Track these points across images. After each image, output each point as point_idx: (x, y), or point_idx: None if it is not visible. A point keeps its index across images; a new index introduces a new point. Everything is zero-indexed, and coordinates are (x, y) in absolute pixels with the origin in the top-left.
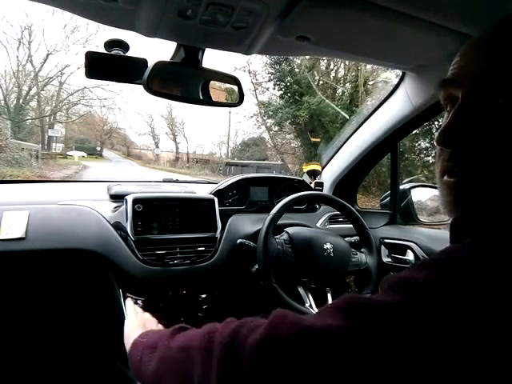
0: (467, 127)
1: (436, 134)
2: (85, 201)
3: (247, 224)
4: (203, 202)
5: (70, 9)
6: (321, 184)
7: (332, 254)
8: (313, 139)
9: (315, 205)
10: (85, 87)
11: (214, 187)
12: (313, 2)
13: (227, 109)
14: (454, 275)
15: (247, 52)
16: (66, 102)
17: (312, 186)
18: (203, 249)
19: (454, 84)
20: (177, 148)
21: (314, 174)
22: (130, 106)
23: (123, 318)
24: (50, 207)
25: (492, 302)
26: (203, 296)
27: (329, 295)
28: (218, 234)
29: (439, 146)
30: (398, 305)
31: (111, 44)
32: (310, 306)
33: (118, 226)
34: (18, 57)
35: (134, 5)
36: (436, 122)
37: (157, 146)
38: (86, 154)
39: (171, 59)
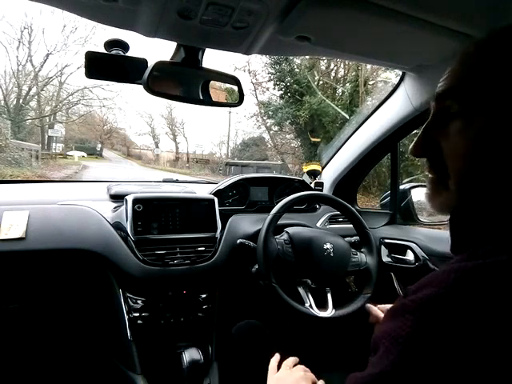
0: (433, 141)
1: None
2: (85, 201)
3: (247, 224)
4: (203, 202)
5: (69, 9)
6: (321, 184)
7: (332, 254)
8: (313, 139)
9: (315, 205)
10: (85, 87)
11: (213, 187)
12: (313, 2)
13: (227, 109)
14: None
15: (247, 52)
16: (65, 102)
17: (312, 186)
18: (203, 249)
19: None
20: (177, 148)
21: (314, 174)
22: (130, 106)
23: (123, 318)
24: (49, 207)
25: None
26: (203, 296)
27: (329, 295)
28: (218, 234)
29: (411, 155)
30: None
31: (111, 44)
32: (310, 305)
33: (117, 226)
34: (17, 57)
35: (134, 5)
36: None
37: (157, 146)
38: (85, 154)
39: (171, 59)
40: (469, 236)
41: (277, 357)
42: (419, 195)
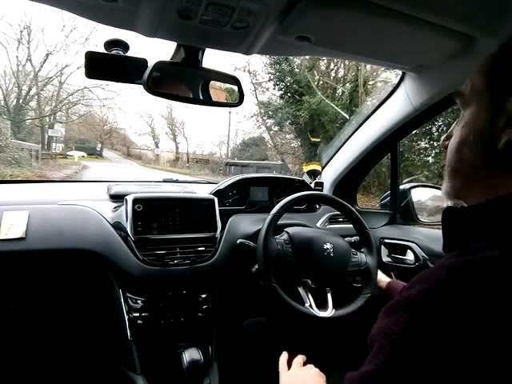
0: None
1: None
2: (85, 201)
3: (247, 224)
4: (203, 202)
5: (69, 9)
6: (321, 184)
7: (332, 254)
8: (313, 139)
9: (315, 205)
10: (85, 87)
11: (213, 187)
12: (313, 2)
13: (227, 109)
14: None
15: (247, 52)
16: (66, 102)
17: (312, 186)
18: (203, 249)
19: (460, 97)
20: (177, 148)
21: (314, 174)
22: (129, 106)
23: (123, 318)
24: (49, 207)
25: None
26: (203, 296)
27: (329, 295)
28: (218, 234)
29: (443, 148)
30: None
31: (111, 44)
32: (310, 305)
33: (117, 226)
34: (17, 57)
35: (134, 5)
36: (436, 122)
37: (157, 146)
38: (85, 154)
39: (171, 59)
40: (460, 234)
41: (285, 355)
42: (419, 195)
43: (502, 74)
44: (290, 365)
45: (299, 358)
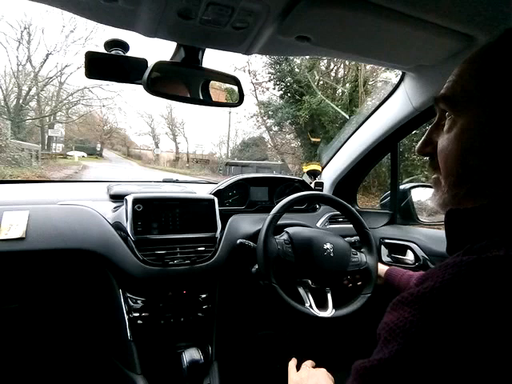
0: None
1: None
2: (85, 201)
3: (247, 224)
4: (203, 202)
5: (69, 9)
6: (321, 184)
7: (332, 254)
8: (313, 139)
9: (315, 205)
10: (85, 87)
11: (213, 187)
12: (313, 2)
13: (227, 109)
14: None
15: (247, 52)
16: (66, 102)
17: (312, 186)
18: (203, 249)
19: (447, 101)
20: (177, 148)
21: (314, 174)
22: (130, 106)
23: (123, 318)
24: (50, 207)
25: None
26: (203, 296)
27: (329, 295)
28: (218, 234)
29: (421, 155)
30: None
31: (111, 44)
32: (310, 305)
33: (117, 226)
34: (17, 57)
35: (134, 5)
36: None
37: (157, 146)
38: (85, 154)
39: (171, 59)
40: (464, 235)
41: (295, 360)
42: (419, 195)
43: (500, 74)
44: (298, 369)
45: (308, 362)
